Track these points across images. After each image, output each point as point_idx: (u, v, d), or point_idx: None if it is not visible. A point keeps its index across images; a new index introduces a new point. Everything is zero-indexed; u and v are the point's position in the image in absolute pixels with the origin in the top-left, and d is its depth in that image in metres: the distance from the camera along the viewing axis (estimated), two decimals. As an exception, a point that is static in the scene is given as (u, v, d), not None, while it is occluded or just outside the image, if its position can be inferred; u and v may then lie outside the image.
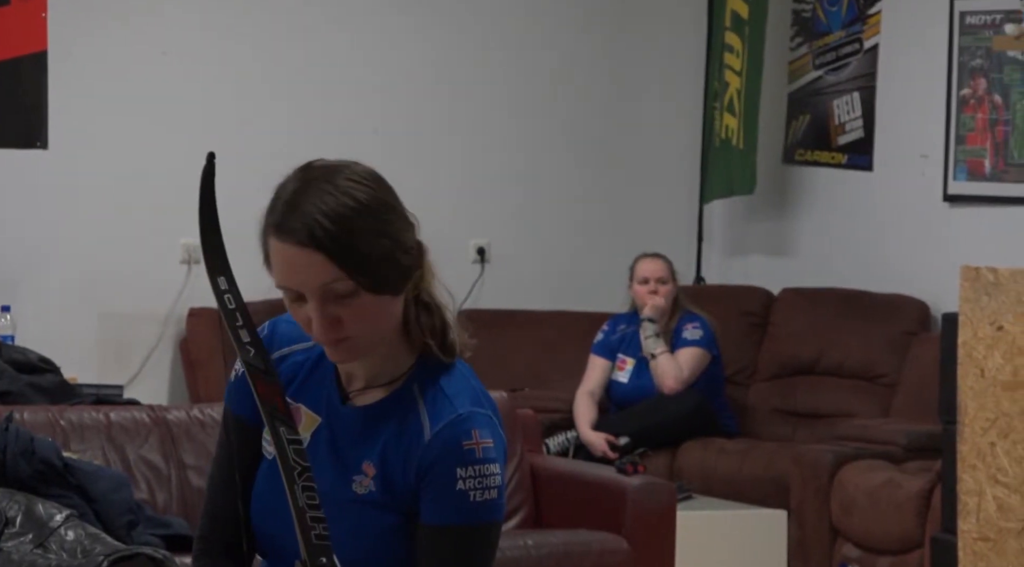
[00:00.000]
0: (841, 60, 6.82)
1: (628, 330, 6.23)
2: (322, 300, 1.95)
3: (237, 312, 1.86)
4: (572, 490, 4.93)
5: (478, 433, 1.98)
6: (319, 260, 1.93)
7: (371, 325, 1.97)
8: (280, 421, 1.83)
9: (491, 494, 1.97)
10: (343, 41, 6.69)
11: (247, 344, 1.85)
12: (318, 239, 1.92)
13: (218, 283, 1.86)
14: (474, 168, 6.94)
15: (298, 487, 1.81)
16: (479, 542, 1.98)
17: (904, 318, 6.33)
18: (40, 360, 4.88)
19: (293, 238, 1.93)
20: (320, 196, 1.95)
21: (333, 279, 1.93)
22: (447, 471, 1.96)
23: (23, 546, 3.71)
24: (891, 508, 5.32)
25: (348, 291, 1.94)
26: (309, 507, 1.81)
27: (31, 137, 6.24)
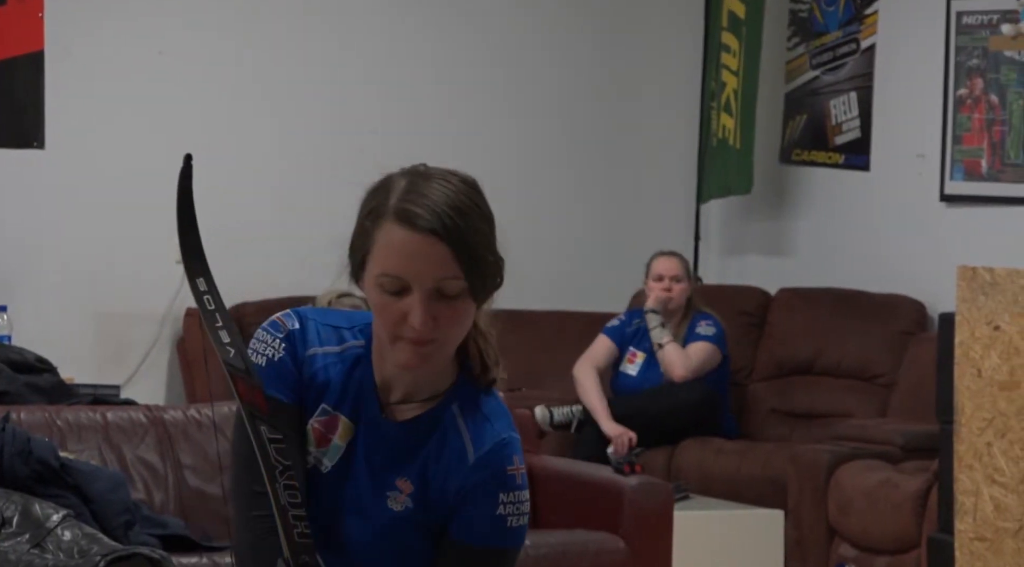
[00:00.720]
0: (838, 60, 6.82)
1: (643, 323, 6.25)
2: (428, 294, 1.93)
3: (216, 313, 1.86)
4: (569, 490, 4.93)
5: (518, 459, 2.00)
6: (443, 252, 1.93)
7: (459, 332, 1.97)
8: (260, 420, 1.82)
9: (524, 520, 2.00)
10: (340, 41, 6.69)
11: (227, 345, 1.84)
12: (447, 231, 1.93)
13: (197, 284, 1.86)
14: (471, 169, 6.92)
15: (279, 485, 1.81)
16: (504, 564, 2.00)
17: (901, 318, 6.33)
18: (37, 360, 4.87)
19: (420, 225, 1.93)
20: (445, 189, 1.97)
21: (452, 275, 1.93)
22: (490, 495, 1.97)
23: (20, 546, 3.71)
24: (888, 508, 5.32)
25: (457, 291, 1.94)
26: (291, 505, 1.80)
27: (28, 137, 6.23)
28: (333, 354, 2.04)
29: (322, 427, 2.01)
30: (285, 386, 1.99)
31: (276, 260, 6.40)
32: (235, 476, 2.00)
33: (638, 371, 6.20)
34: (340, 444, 2.00)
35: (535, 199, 7.04)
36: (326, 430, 2.01)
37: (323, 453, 2.01)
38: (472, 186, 2.02)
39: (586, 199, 7.11)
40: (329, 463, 2.01)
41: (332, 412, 2.01)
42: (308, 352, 2.02)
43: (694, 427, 6.10)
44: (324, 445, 2.01)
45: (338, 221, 2.23)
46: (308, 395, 2.02)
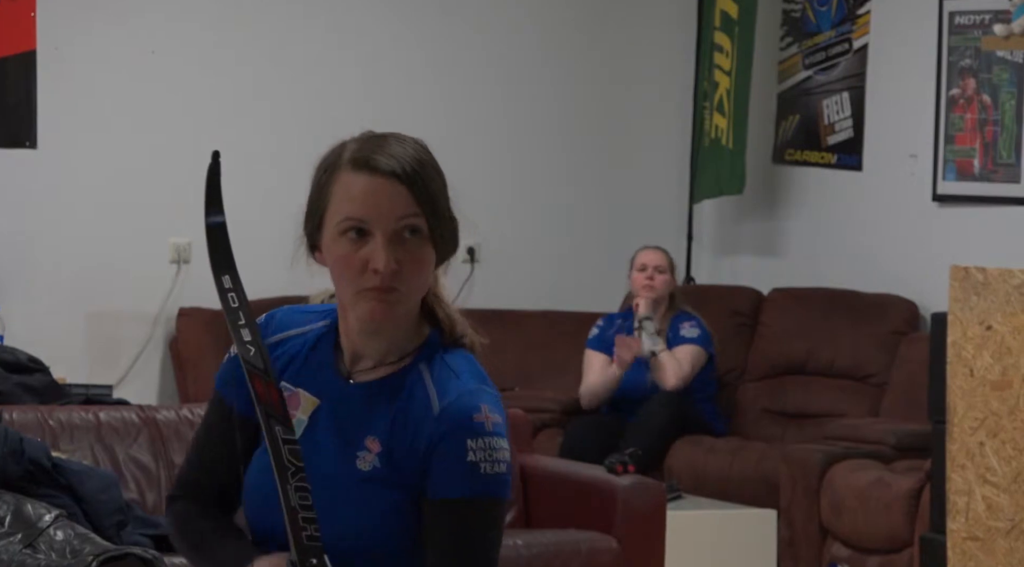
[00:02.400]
0: (831, 60, 6.83)
1: (625, 325, 6.24)
2: (392, 238, 1.97)
3: (240, 311, 1.86)
4: (562, 489, 4.93)
5: (487, 408, 1.99)
6: (403, 192, 1.98)
7: (420, 280, 2.00)
8: (276, 420, 1.83)
9: (500, 467, 1.97)
10: (331, 40, 6.68)
11: (247, 343, 1.85)
12: (407, 173, 1.98)
13: (222, 281, 1.86)
14: (463, 169, 6.91)
15: (291, 487, 1.81)
16: (488, 518, 1.97)
17: (893, 318, 6.33)
18: (29, 360, 4.87)
19: (380, 168, 1.98)
20: (400, 142, 2.03)
21: (413, 214, 1.98)
22: (458, 443, 1.96)
23: (12, 546, 3.71)
24: (880, 508, 5.32)
25: (417, 232, 1.99)
26: (301, 507, 1.80)
27: (20, 136, 6.22)
28: (297, 335, 2.07)
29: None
30: (235, 390, 2.04)
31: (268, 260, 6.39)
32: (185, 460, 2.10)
33: (624, 374, 6.19)
34: (303, 418, 2.02)
35: (527, 198, 7.03)
36: (288, 407, 2.02)
37: None
38: (425, 146, 2.06)
39: (578, 199, 7.11)
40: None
41: (292, 389, 2.03)
42: (270, 340, 2.06)
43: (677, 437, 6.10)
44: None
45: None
46: None
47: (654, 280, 6.19)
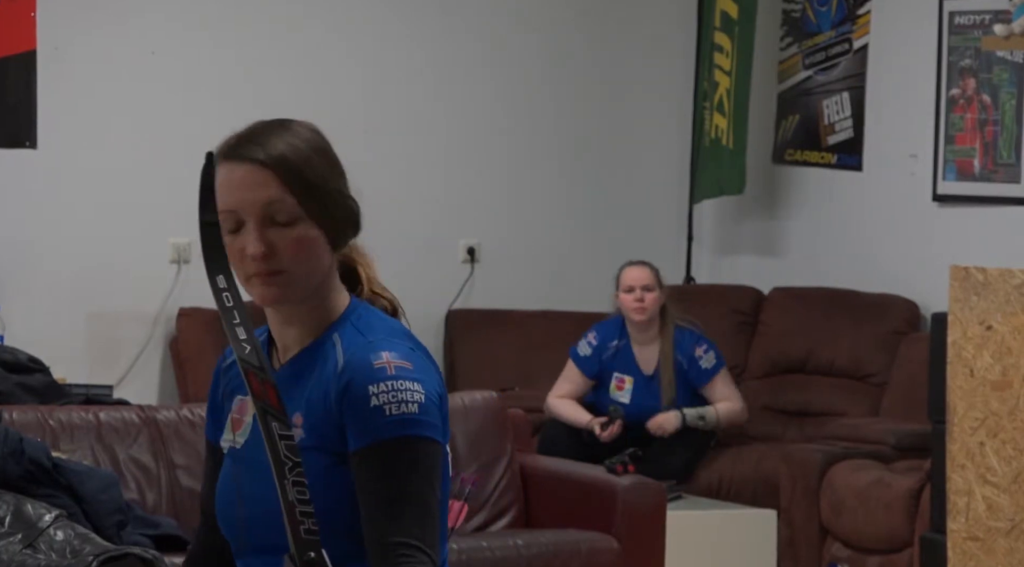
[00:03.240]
0: (831, 60, 6.83)
1: (621, 345, 6.12)
2: (262, 222, 2.00)
3: (234, 310, 1.87)
4: (562, 490, 4.93)
5: (389, 354, 2.00)
6: (267, 177, 2.00)
7: (306, 259, 2.01)
8: (273, 417, 1.84)
9: (409, 408, 1.97)
10: (332, 41, 6.68)
11: (243, 341, 1.86)
12: (270, 157, 2.01)
13: (216, 281, 1.88)
14: (464, 169, 6.93)
15: (288, 482, 1.82)
16: (406, 460, 1.96)
17: (893, 318, 6.33)
18: (29, 360, 4.87)
19: (244, 158, 2.02)
20: (273, 131, 2.06)
21: (279, 197, 2.00)
22: (360, 391, 1.98)
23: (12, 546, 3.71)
24: (880, 508, 5.32)
25: (290, 215, 2.00)
26: (299, 502, 1.81)
27: (20, 136, 6.22)
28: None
29: (239, 413, 2.11)
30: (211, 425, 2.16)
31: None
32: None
33: (630, 398, 6.06)
34: (249, 420, 2.08)
35: (527, 199, 7.03)
36: (242, 414, 2.10)
37: (239, 435, 2.10)
38: (311, 128, 2.11)
39: (578, 199, 7.11)
40: (242, 439, 2.09)
41: (245, 397, 2.09)
42: (224, 364, 2.15)
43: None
44: (239, 428, 2.11)
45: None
46: (226, 404, 2.14)
47: (644, 301, 6.03)
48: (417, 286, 6.77)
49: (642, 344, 6.11)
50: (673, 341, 6.09)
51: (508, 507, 4.89)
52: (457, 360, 6.68)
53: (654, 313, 6.06)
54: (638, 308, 6.02)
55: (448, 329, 6.79)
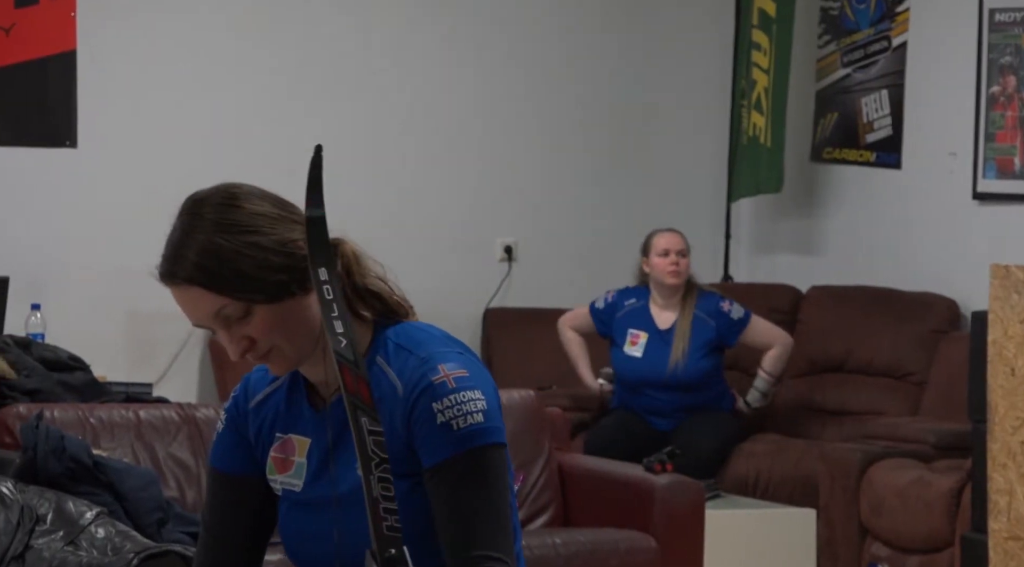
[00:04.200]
0: (869, 58, 6.80)
1: (638, 304, 6.18)
2: (224, 327, 2.02)
3: (333, 303, 1.89)
4: (600, 488, 4.92)
5: (444, 367, 2.02)
6: (199, 293, 2.01)
7: (285, 333, 2.02)
8: (363, 412, 1.85)
9: (475, 418, 1.99)
10: (371, 42, 6.69)
11: (339, 334, 1.88)
12: (188, 275, 2.01)
13: (319, 273, 1.88)
14: (501, 167, 6.93)
15: (374, 477, 1.83)
16: (480, 469, 1.99)
17: (933, 316, 6.30)
18: (70, 358, 4.90)
19: (171, 282, 2.05)
20: (183, 234, 2.04)
21: (220, 306, 2.01)
22: (425, 410, 2.00)
23: (54, 543, 3.73)
24: (921, 507, 5.30)
25: (242, 312, 2.01)
26: (383, 498, 1.82)
27: (60, 136, 6.26)
28: (271, 392, 2.15)
29: (280, 453, 2.12)
30: (228, 457, 2.15)
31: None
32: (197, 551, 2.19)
33: (643, 352, 6.11)
34: (302, 460, 2.10)
35: (564, 198, 7.03)
36: (285, 454, 2.11)
37: (290, 477, 2.11)
38: (219, 203, 2.04)
39: (615, 197, 7.10)
40: (299, 481, 2.10)
41: (283, 436, 2.11)
42: (251, 404, 2.15)
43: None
44: (288, 469, 2.11)
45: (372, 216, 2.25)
46: (261, 442, 2.13)
47: (679, 265, 6.11)
48: (455, 285, 6.78)
49: (663, 306, 6.15)
50: (695, 303, 6.15)
51: (546, 506, 4.89)
52: (495, 358, 6.68)
53: (686, 277, 6.13)
54: (673, 272, 6.08)
55: (485, 327, 6.79)
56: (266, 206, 2.04)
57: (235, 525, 2.14)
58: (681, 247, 6.14)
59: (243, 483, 2.14)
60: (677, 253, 6.10)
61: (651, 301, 6.19)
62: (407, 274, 7.63)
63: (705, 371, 6.11)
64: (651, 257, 6.15)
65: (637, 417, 6.12)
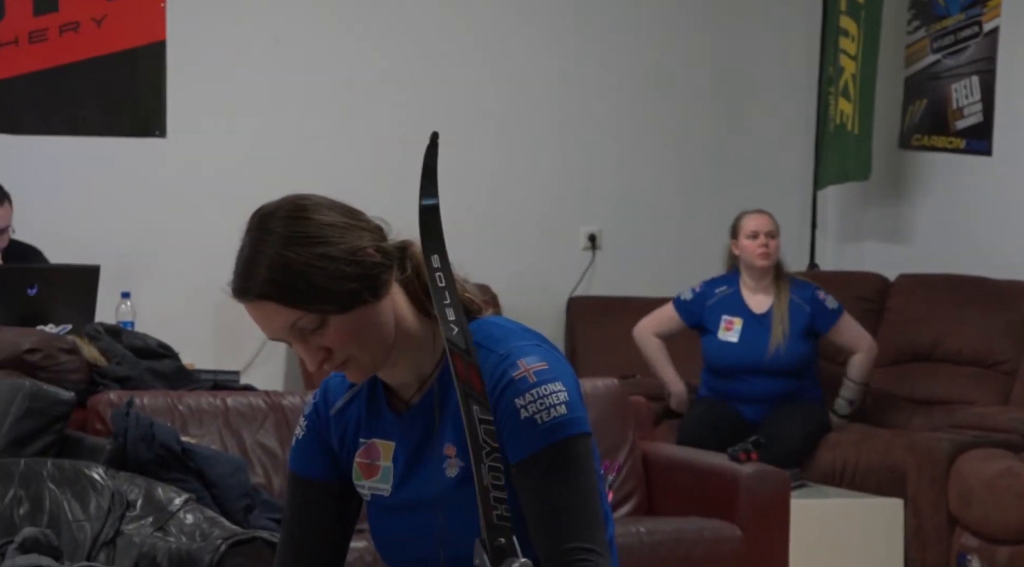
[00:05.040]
0: (959, 43, 6.71)
1: (729, 291, 6.13)
2: (300, 339, 2.03)
3: (446, 291, 1.88)
4: (684, 477, 4.91)
5: (524, 361, 2.02)
6: (272, 308, 2.01)
7: (360, 341, 2.03)
8: (475, 400, 1.85)
9: (558, 410, 2.00)
10: (456, 31, 6.71)
11: (451, 322, 1.87)
12: (260, 291, 2.00)
13: (431, 261, 1.88)
14: (585, 156, 6.92)
15: (484, 466, 1.83)
16: (567, 461, 1.99)
17: (1023, 305, 6.22)
18: (159, 346, 4.95)
19: (244, 298, 2.03)
20: (252, 250, 2.03)
21: (295, 319, 2.01)
22: (508, 406, 2.00)
23: (144, 529, 3.78)
24: (1011, 497, 5.23)
25: (316, 323, 2.01)
26: (494, 487, 1.82)
27: (150, 126, 6.33)
28: (352, 398, 2.15)
29: (365, 458, 2.12)
30: (310, 463, 2.15)
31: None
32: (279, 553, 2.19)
33: (739, 337, 6.06)
34: (388, 464, 2.10)
35: (648, 186, 7.01)
36: (370, 459, 2.12)
37: (377, 482, 2.11)
38: (286, 216, 2.04)
39: (700, 185, 7.07)
40: (387, 486, 2.11)
41: (367, 441, 2.12)
42: (332, 411, 2.16)
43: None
44: (374, 474, 2.12)
45: (456, 206, 2.25)
46: (345, 448, 2.14)
47: (769, 247, 6.06)
48: (539, 273, 6.78)
49: (754, 290, 6.12)
50: (789, 286, 6.10)
51: (630, 494, 4.89)
52: (578, 347, 6.67)
53: (776, 259, 6.08)
54: (763, 254, 6.04)
55: (569, 316, 6.79)
56: (334, 216, 2.04)
57: (317, 528, 2.15)
58: (770, 228, 6.09)
59: (325, 488, 2.15)
60: (766, 235, 6.07)
61: (742, 286, 6.15)
62: (491, 264, 7.70)
63: (805, 355, 6.06)
64: (740, 239, 6.11)
65: (725, 406, 6.09)
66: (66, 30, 6.21)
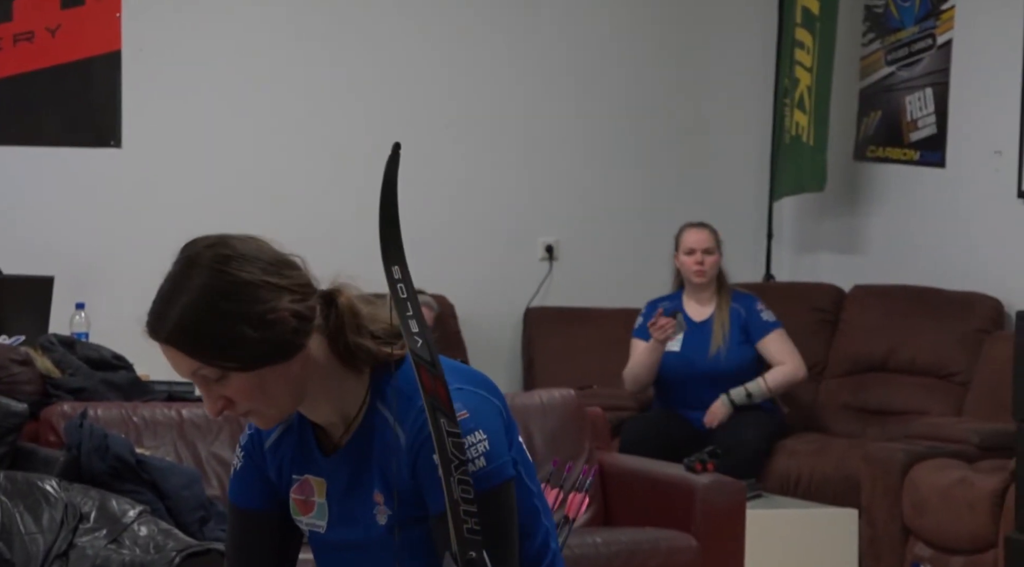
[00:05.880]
0: (914, 56, 6.76)
1: (669, 306, 6.14)
2: (202, 386, 2.02)
3: (408, 302, 1.86)
4: (641, 488, 4.92)
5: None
6: (177, 354, 2.03)
7: (264, 396, 2.00)
8: (441, 413, 1.83)
9: (477, 464, 1.96)
10: (417, 39, 6.71)
11: (415, 334, 1.86)
12: (167, 336, 2.02)
13: (392, 272, 1.87)
14: (543, 167, 6.93)
15: (454, 480, 1.82)
16: (486, 512, 1.95)
17: (977, 316, 6.26)
18: (113, 357, 4.92)
19: (153, 337, 2.06)
20: (170, 291, 2.05)
21: (196, 368, 2.01)
22: (427, 462, 1.97)
23: (97, 541, 3.75)
24: (964, 507, 5.27)
25: (217, 375, 2.00)
26: (463, 500, 1.81)
27: (105, 136, 6.30)
28: (285, 431, 2.13)
29: (300, 494, 2.10)
30: (249, 493, 2.13)
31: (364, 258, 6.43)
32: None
33: (681, 346, 6.08)
34: (323, 501, 2.08)
35: (605, 197, 7.03)
36: (304, 495, 2.10)
37: (313, 518, 2.10)
38: (211, 266, 2.02)
39: (657, 196, 7.09)
40: (322, 523, 2.09)
41: (300, 477, 2.10)
42: (267, 445, 2.14)
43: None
44: (310, 510, 2.10)
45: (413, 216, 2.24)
46: (283, 480, 2.12)
47: (704, 264, 6.10)
48: (496, 283, 6.78)
49: (697, 302, 6.16)
50: (731, 296, 6.15)
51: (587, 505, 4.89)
52: (535, 358, 6.68)
53: (713, 275, 6.14)
54: (698, 271, 6.11)
55: (526, 326, 6.79)
56: (256, 273, 1.99)
57: (259, 559, 2.13)
58: (708, 245, 6.13)
59: (266, 518, 2.13)
60: (703, 251, 6.12)
61: (684, 297, 6.20)
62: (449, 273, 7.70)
63: (746, 360, 6.10)
64: (679, 254, 6.18)
65: (676, 416, 6.11)
66: (20, 39, 6.18)
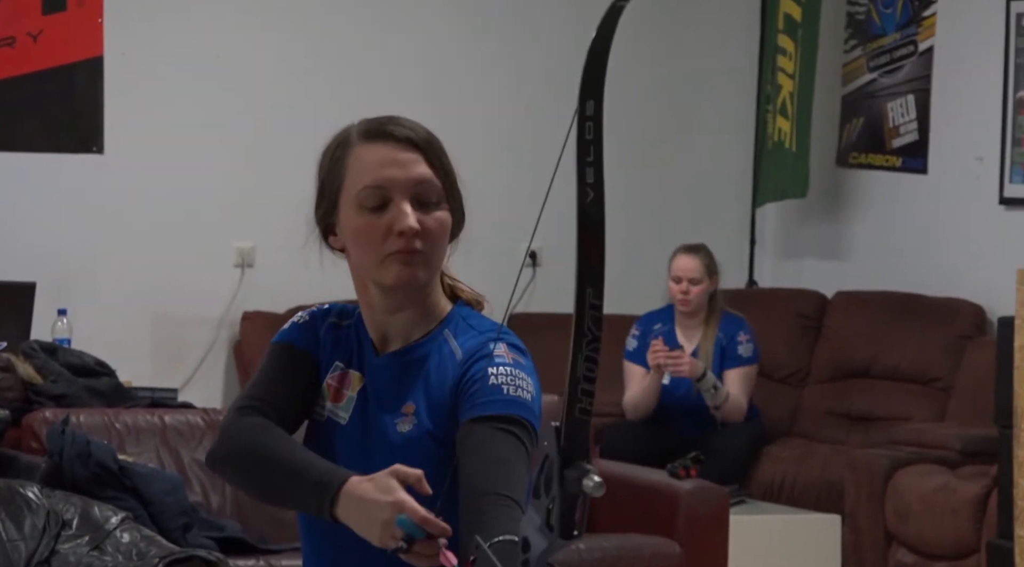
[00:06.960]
0: (896, 62, 6.78)
1: (665, 329, 6.15)
2: (412, 202, 2.07)
3: (591, 146, 1.95)
4: (624, 494, 4.92)
5: (506, 347, 2.06)
6: (419, 158, 2.10)
7: (441, 244, 2.10)
8: (590, 282, 1.85)
9: (525, 393, 2.00)
10: (393, 43, 6.71)
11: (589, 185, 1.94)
12: (421, 140, 2.12)
13: (585, 107, 1.91)
14: (526, 172, 6.94)
15: (582, 355, 1.78)
16: (516, 435, 1.97)
17: (960, 322, 6.28)
18: (96, 363, 4.91)
19: (395, 135, 2.11)
20: (407, 120, 2.17)
21: (429, 177, 2.09)
22: (480, 371, 2.02)
23: (80, 548, 3.74)
24: (946, 513, 5.28)
25: (437, 196, 2.09)
26: (585, 379, 1.76)
27: (87, 142, 6.29)
28: (343, 322, 2.18)
29: (336, 382, 2.15)
30: (308, 339, 2.16)
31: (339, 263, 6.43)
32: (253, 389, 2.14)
33: (671, 379, 6.06)
34: (352, 395, 2.13)
35: (590, 203, 7.03)
36: (340, 385, 2.14)
37: (338, 407, 2.13)
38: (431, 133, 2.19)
39: (640, 202, 7.10)
40: (345, 414, 2.12)
41: (343, 368, 2.14)
42: (325, 323, 2.18)
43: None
44: (339, 400, 2.14)
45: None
46: (323, 356, 2.16)
47: (689, 294, 6.03)
48: (479, 288, 6.78)
49: (687, 327, 6.13)
50: (719, 323, 6.10)
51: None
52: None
53: (699, 305, 6.08)
54: (683, 300, 6.07)
55: (510, 333, 6.79)
56: None
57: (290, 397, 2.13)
58: (694, 275, 6.05)
59: (310, 362, 2.15)
60: (689, 281, 6.04)
61: (677, 323, 6.16)
62: (431, 279, 7.37)
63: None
64: (669, 278, 6.14)
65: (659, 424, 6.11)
66: (2, 45, 6.17)
